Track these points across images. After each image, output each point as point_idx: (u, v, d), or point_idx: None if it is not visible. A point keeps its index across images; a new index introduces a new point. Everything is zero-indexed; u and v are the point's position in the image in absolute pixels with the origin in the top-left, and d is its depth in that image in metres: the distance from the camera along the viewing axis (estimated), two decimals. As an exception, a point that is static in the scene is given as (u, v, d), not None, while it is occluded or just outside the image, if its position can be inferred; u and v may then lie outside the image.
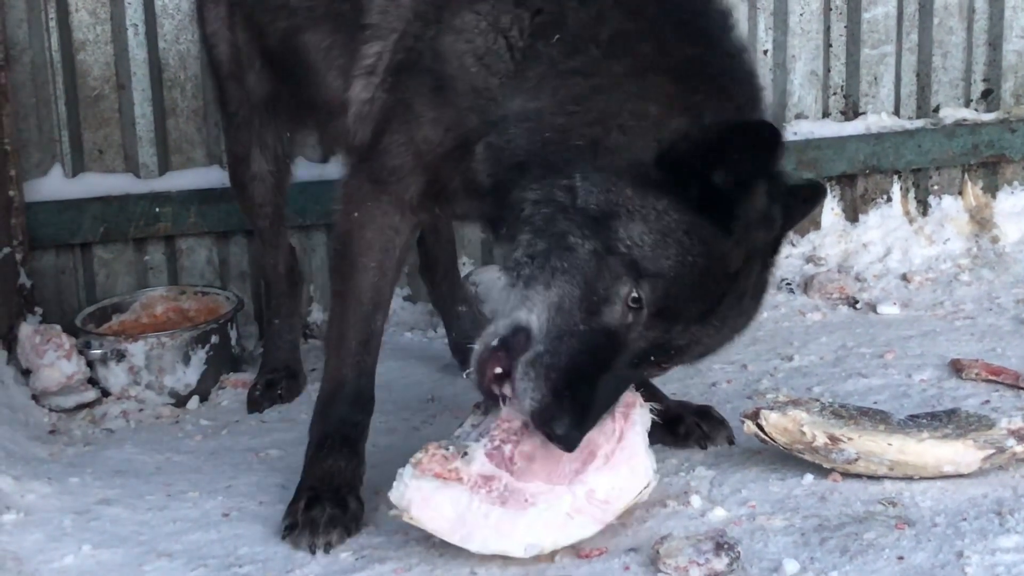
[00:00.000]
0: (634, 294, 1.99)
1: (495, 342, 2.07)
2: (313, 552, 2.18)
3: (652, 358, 2.07)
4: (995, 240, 4.02)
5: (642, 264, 1.98)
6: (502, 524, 2.08)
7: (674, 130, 2.01)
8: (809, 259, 3.95)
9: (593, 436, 2.14)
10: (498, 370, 2.06)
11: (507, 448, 2.11)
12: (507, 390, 2.06)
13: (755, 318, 2.20)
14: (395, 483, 2.08)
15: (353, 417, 2.39)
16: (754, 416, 2.37)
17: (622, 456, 2.19)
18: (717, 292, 2.03)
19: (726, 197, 1.96)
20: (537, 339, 2.02)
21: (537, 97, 2.12)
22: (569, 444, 2.02)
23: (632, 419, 2.22)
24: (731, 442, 2.58)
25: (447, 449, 2.10)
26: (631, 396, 2.24)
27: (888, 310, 3.57)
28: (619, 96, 2.07)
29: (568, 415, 1.99)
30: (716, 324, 2.07)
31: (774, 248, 2.17)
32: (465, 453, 2.10)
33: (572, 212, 2.02)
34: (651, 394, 2.51)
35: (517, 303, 2.07)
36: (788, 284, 3.81)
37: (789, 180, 2.17)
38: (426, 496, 2.06)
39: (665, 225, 1.98)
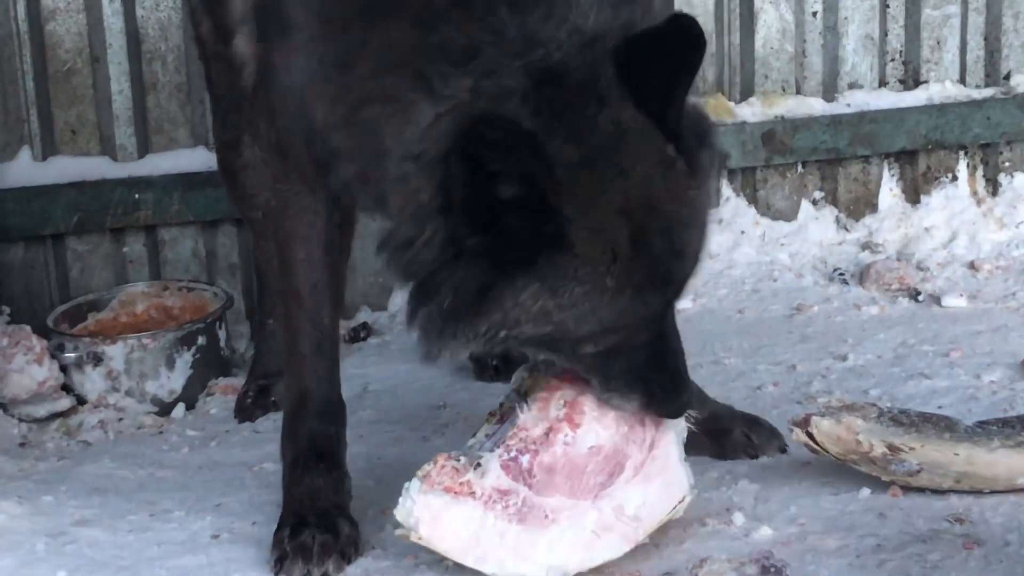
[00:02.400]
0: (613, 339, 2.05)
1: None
2: None
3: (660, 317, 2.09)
4: (1075, 223, 4.02)
5: (585, 337, 2.02)
6: (520, 544, 2.07)
7: (430, 121, 1.91)
8: (865, 246, 3.95)
9: (621, 445, 2.15)
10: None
11: (525, 459, 2.10)
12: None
13: (707, 206, 2.13)
14: (401, 499, 2.07)
15: (324, 430, 2.38)
16: (804, 423, 2.36)
17: (654, 467, 2.18)
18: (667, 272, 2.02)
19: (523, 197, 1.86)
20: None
21: (310, 47, 2.08)
22: (680, 412, 2.17)
23: (665, 425, 2.21)
24: (783, 452, 2.57)
25: (458, 460, 2.10)
26: None
27: (954, 303, 3.56)
28: (371, 58, 1.97)
29: (663, 401, 2.11)
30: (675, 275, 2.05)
31: (673, 134, 1.99)
32: (478, 464, 2.09)
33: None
34: (697, 395, 2.48)
35: None
36: (841, 274, 3.80)
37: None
38: (435, 513, 2.05)
39: (543, 315, 1.95)
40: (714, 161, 2.07)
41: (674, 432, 2.22)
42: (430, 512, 2.05)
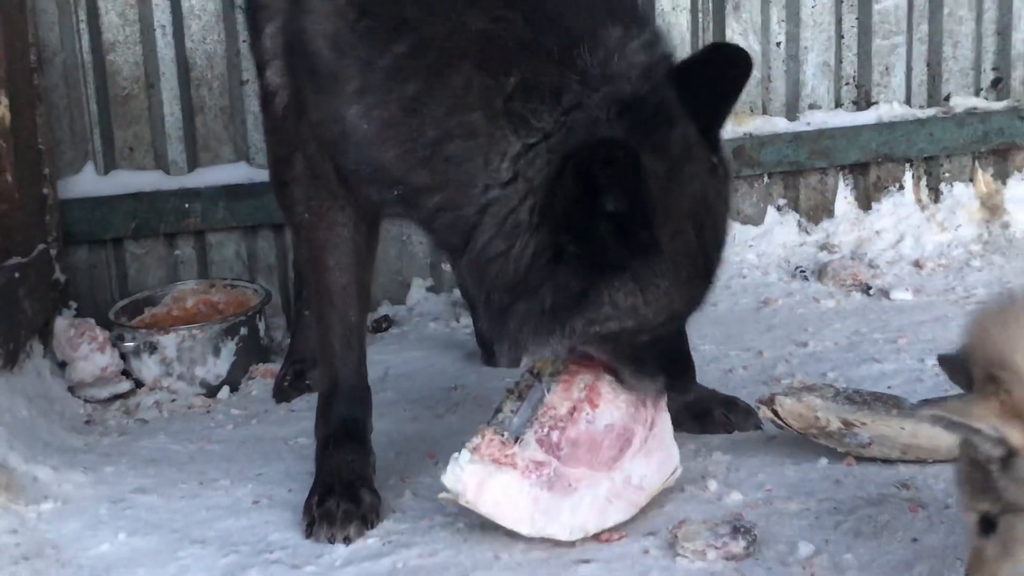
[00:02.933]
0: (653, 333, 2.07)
1: None
2: (333, 543, 2.18)
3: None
4: (1006, 226, 4.01)
5: (640, 328, 2.05)
6: (550, 508, 2.09)
7: (521, 151, 1.89)
8: (823, 247, 3.94)
9: (629, 424, 2.17)
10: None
11: (554, 435, 2.11)
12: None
13: (730, 202, 2.21)
14: (450, 467, 2.06)
15: (352, 413, 2.38)
16: (769, 402, 2.38)
17: (654, 443, 2.22)
18: (688, 263, 2.01)
19: (631, 217, 1.87)
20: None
21: (367, 107, 2.01)
22: (688, 391, 2.27)
23: (661, 406, 2.24)
24: (758, 428, 2.56)
25: (503, 435, 2.10)
26: None
27: (901, 296, 3.56)
28: (441, 104, 1.93)
29: (679, 382, 2.18)
30: (712, 271, 2.08)
31: (713, 142, 2.05)
32: (518, 439, 2.10)
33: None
34: None
35: None
36: (802, 271, 3.80)
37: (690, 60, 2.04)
38: (481, 480, 2.06)
39: (622, 309, 1.97)
40: (731, 165, 2.12)
41: (667, 412, 2.25)
42: (477, 479, 2.06)
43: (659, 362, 2.12)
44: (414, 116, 1.95)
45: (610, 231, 1.86)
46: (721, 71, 1.97)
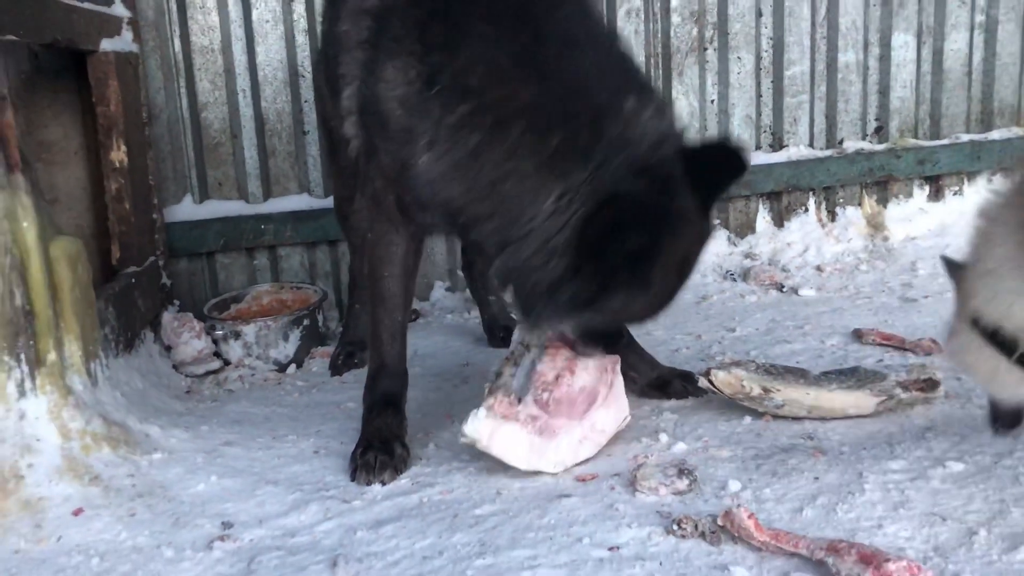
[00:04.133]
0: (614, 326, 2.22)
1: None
2: (370, 485, 2.18)
3: None
4: (886, 239, 4.02)
5: (610, 328, 2.22)
6: (540, 449, 2.13)
7: (561, 194, 1.87)
8: (747, 255, 3.94)
9: (596, 386, 2.22)
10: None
11: (545, 395, 2.16)
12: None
13: None
14: (470, 420, 2.10)
15: (392, 388, 2.38)
16: (706, 374, 2.38)
17: (612, 399, 2.26)
18: (669, 293, 2.05)
19: (643, 256, 1.86)
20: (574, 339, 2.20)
21: (437, 155, 1.97)
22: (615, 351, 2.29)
23: (617, 371, 2.28)
24: (699, 395, 2.53)
25: (509, 396, 2.14)
26: (615, 356, 2.31)
27: (806, 292, 3.57)
28: (498, 153, 1.90)
29: (613, 342, 2.25)
30: (679, 293, 2.09)
31: (707, 206, 2.01)
32: (520, 399, 2.15)
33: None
34: (651, 362, 2.62)
35: None
36: (731, 274, 3.81)
37: (688, 144, 1.98)
38: (492, 430, 2.10)
39: (611, 313, 2.00)
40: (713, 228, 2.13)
41: (620, 375, 2.28)
42: (489, 430, 2.10)
43: (603, 338, 2.19)
44: (476, 161, 1.93)
45: (621, 262, 1.87)
46: (725, 162, 1.93)
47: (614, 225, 1.83)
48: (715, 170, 1.94)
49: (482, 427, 2.10)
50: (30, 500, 2.06)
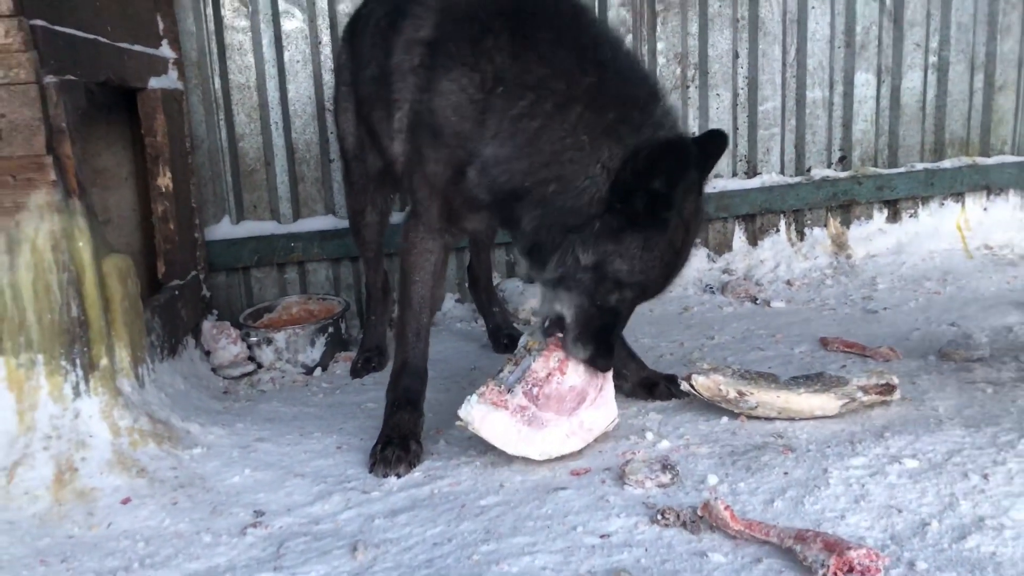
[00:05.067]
0: (621, 295, 2.06)
1: (547, 323, 2.16)
2: (386, 477, 2.18)
3: (636, 306, 2.16)
4: (849, 257, 4.01)
5: (625, 280, 2.02)
6: (528, 438, 2.12)
7: (609, 155, 1.96)
8: (724, 271, 3.94)
9: (585, 387, 2.18)
10: (559, 335, 2.16)
11: (535, 390, 2.15)
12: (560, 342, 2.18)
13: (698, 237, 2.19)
14: (464, 405, 2.11)
15: (414, 386, 2.36)
16: (688, 378, 2.37)
17: (600, 401, 2.23)
18: (674, 261, 2.04)
19: (663, 196, 1.92)
20: (571, 325, 2.12)
21: (501, 141, 2.04)
22: (607, 368, 2.18)
23: (608, 377, 2.25)
24: (681, 396, 2.54)
25: (500, 387, 2.14)
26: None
27: (778, 304, 3.56)
28: (558, 131, 1.99)
29: (602, 358, 2.14)
30: (677, 274, 2.09)
31: (699, 191, 2.08)
32: (510, 390, 2.14)
33: (581, 269, 2.03)
34: (639, 367, 2.60)
35: (554, 300, 2.13)
36: (711, 288, 3.80)
37: (693, 136, 2.07)
38: (483, 415, 2.10)
39: (632, 253, 1.98)
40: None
41: (611, 381, 2.25)
42: (480, 414, 2.10)
43: (593, 342, 2.13)
44: (538, 141, 2.00)
45: (645, 204, 1.92)
46: (713, 144, 2.04)
47: (643, 172, 1.90)
48: (706, 149, 2.03)
49: (474, 412, 2.10)
50: (83, 490, 2.07)
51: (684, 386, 2.38)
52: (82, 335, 2.17)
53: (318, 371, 3.16)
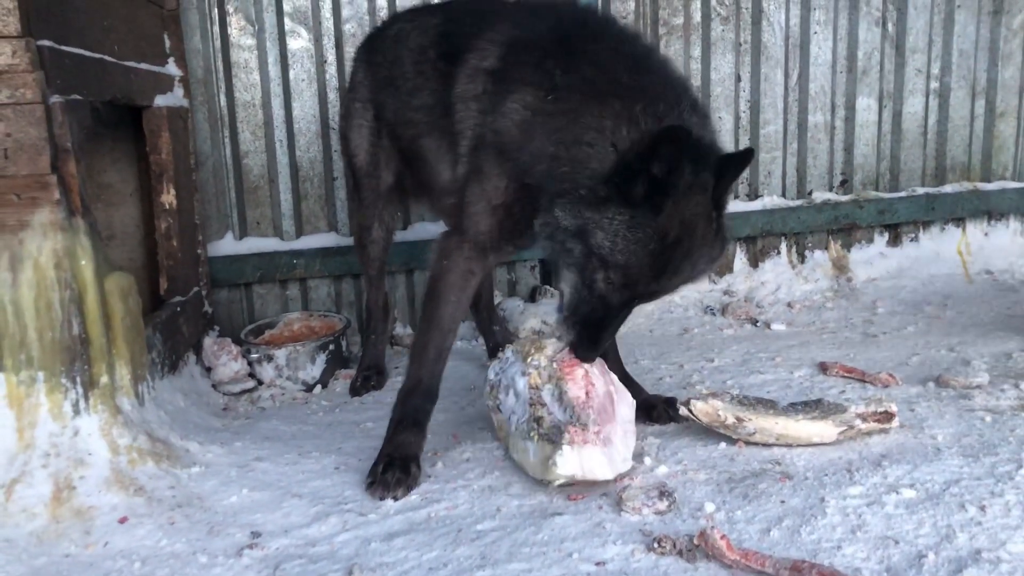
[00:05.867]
0: (607, 277, 2.04)
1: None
2: (384, 500, 2.17)
3: (630, 304, 2.11)
4: (849, 280, 4.01)
5: (608, 259, 2.00)
6: (611, 456, 2.10)
7: (622, 137, 2.00)
8: (725, 292, 3.94)
9: (607, 386, 2.21)
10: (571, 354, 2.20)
11: (590, 411, 2.14)
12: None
13: (717, 259, 2.12)
14: (559, 461, 2.06)
15: (423, 406, 2.34)
16: (687, 403, 2.36)
17: (619, 391, 2.25)
18: (664, 255, 1.98)
19: (660, 181, 1.92)
20: (566, 304, 2.15)
21: (539, 137, 2.11)
22: (589, 360, 2.18)
23: (608, 370, 2.28)
24: (680, 421, 2.53)
25: (574, 426, 2.10)
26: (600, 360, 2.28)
27: (778, 327, 3.55)
28: (587, 119, 2.04)
29: (583, 347, 2.15)
30: (670, 275, 2.03)
31: (718, 204, 2.05)
32: (585, 427, 2.11)
33: (562, 232, 2.05)
34: (638, 388, 2.61)
35: (559, 277, 2.17)
36: (711, 309, 3.80)
37: (721, 151, 2.07)
38: (580, 459, 2.07)
39: (616, 228, 1.97)
40: (729, 231, 2.15)
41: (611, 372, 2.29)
42: (578, 460, 2.06)
43: (579, 326, 2.13)
44: (574, 126, 2.05)
45: (641, 185, 1.93)
46: (738, 160, 2.03)
47: (645, 154, 1.91)
48: (728, 163, 2.02)
49: (571, 462, 2.05)
50: (81, 509, 2.06)
51: (683, 411, 2.37)
52: (83, 353, 2.17)
53: (318, 388, 3.16)
